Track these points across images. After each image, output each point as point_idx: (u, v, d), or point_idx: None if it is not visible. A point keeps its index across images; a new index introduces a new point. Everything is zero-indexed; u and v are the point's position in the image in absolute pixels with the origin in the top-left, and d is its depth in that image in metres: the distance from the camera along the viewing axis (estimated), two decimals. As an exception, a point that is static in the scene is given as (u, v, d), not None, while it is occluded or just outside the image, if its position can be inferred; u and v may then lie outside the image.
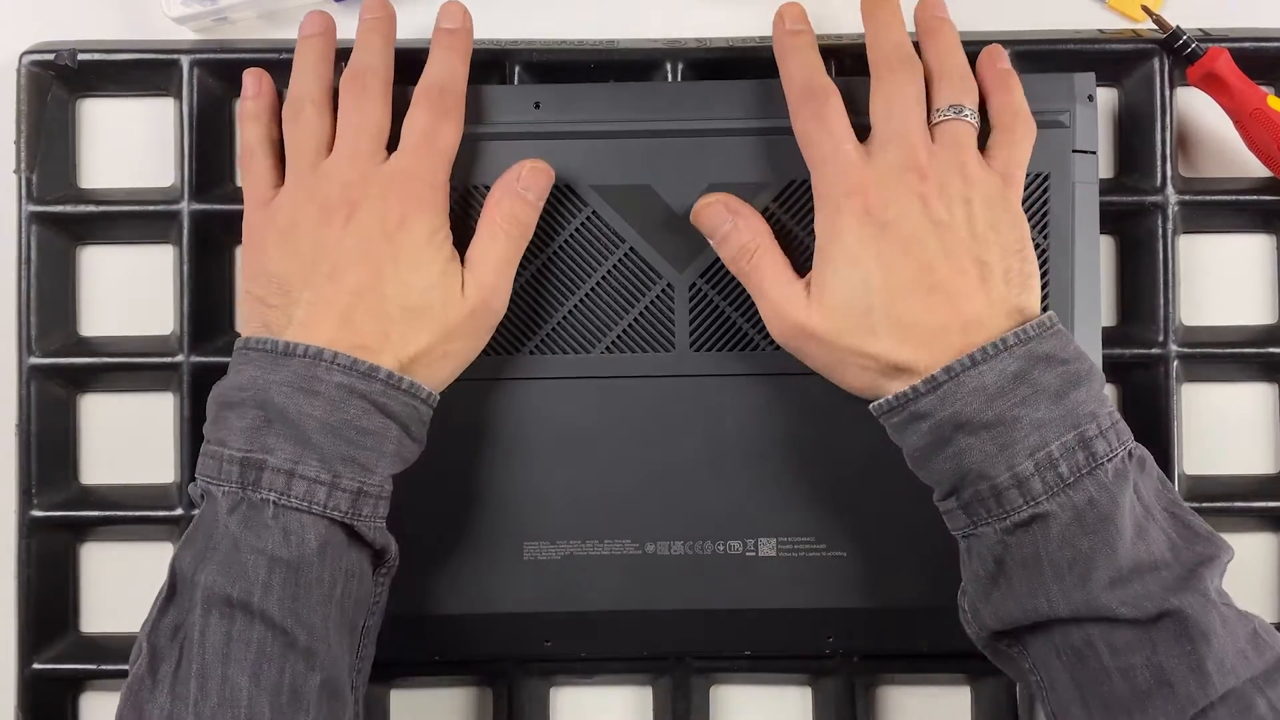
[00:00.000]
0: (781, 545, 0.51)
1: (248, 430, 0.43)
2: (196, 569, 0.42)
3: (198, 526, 0.44)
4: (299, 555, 0.42)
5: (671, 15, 0.56)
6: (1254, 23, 0.55)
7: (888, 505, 0.51)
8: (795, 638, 0.52)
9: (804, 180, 0.48)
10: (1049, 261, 0.50)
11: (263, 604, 0.41)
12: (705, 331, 0.51)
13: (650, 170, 0.50)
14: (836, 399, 0.48)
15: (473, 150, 0.50)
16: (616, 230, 0.50)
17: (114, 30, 0.56)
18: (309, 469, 0.43)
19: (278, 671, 0.41)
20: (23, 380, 0.54)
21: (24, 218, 0.54)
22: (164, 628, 0.42)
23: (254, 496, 0.42)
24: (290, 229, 0.46)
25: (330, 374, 0.43)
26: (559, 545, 0.51)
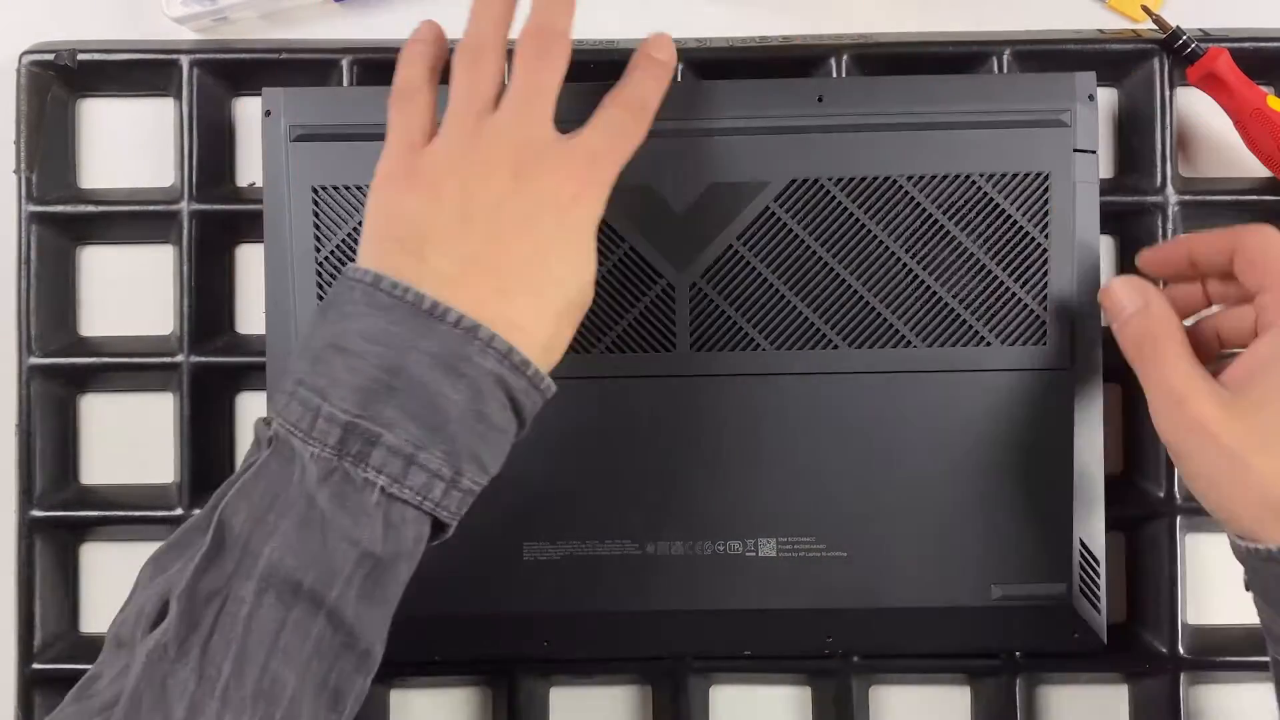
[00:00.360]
0: (782, 545, 0.51)
1: (363, 391, 0.37)
2: (256, 533, 0.36)
3: (260, 475, 0.37)
4: (394, 552, 0.37)
5: (671, 15, 0.56)
6: (1254, 23, 0.55)
7: (888, 506, 0.51)
8: (795, 638, 0.52)
9: (805, 179, 0.49)
10: (1049, 261, 0.50)
11: (338, 601, 0.36)
12: (706, 331, 0.51)
13: (651, 170, 0.50)
14: (837, 400, 0.48)
15: None
16: (617, 229, 0.50)
17: (114, 30, 0.56)
18: (432, 460, 0.37)
19: (326, 669, 0.37)
20: (23, 380, 0.53)
21: (24, 218, 0.54)
22: (202, 590, 0.36)
23: (356, 474, 0.37)
24: (445, 176, 0.41)
25: (484, 358, 0.38)
26: (559, 545, 0.51)
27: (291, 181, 0.51)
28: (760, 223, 0.50)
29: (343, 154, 0.50)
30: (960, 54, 0.54)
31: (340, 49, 0.54)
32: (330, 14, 0.56)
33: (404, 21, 0.53)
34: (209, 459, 0.55)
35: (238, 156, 0.56)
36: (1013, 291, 0.50)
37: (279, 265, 0.51)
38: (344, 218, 0.50)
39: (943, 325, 0.50)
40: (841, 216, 0.50)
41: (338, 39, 0.55)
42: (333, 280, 0.50)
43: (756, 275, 0.51)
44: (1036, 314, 0.50)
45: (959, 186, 0.50)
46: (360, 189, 0.50)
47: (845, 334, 0.50)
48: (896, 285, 0.50)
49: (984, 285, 0.50)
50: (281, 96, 0.51)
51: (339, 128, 0.51)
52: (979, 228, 0.50)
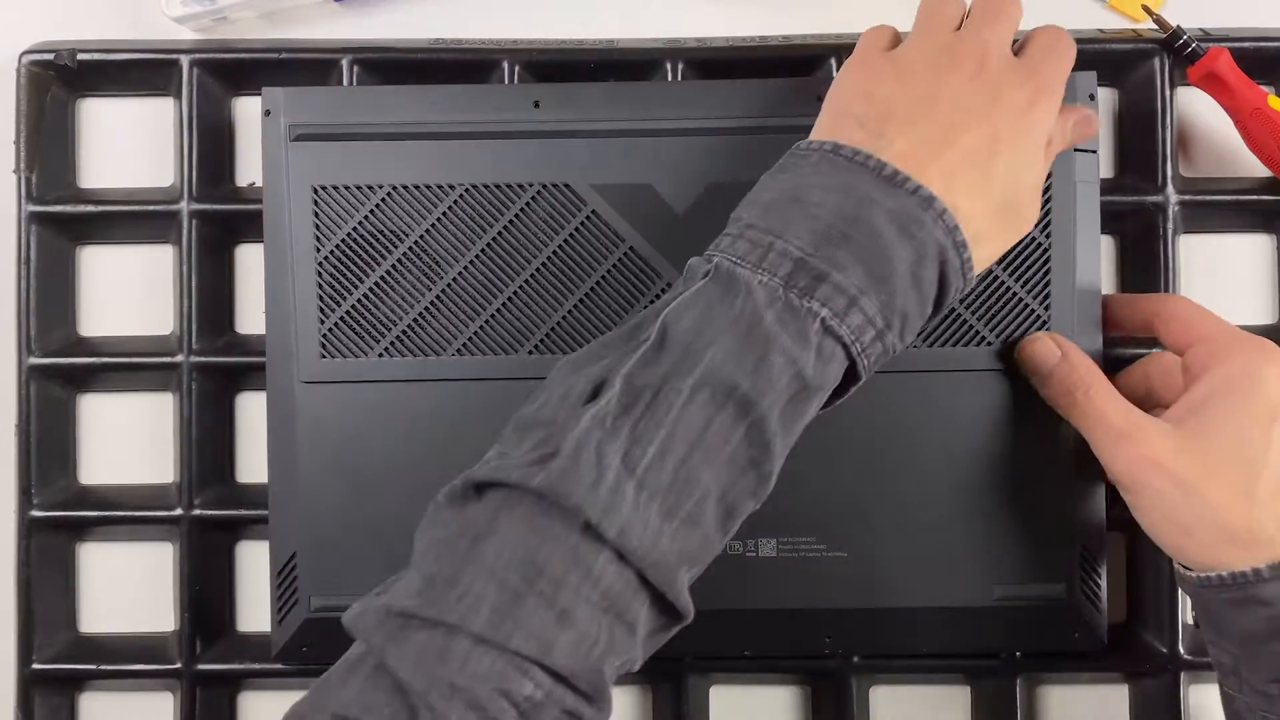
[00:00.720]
0: (782, 545, 0.51)
1: (818, 234, 0.39)
2: (698, 340, 0.38)
3: (700, 296, 0.39)
4: (819, 384, 0.39)
5: (671, 15, 0.56)
6: (1254, 22, 0.55)
7: (888, 506, 0.50)
8: (794, 638, 0.52)
9: None
10: (1050, 261, 0.50)
11: (766, 411, 0.38)
12: None
13: (651, 169, 0.50)
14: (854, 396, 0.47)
15: (472, 148, 0.50)
16: (616, 230, 0.50)
17: (114, 30, 0.56)
18: (870, 306, 0.39)
19: (731, 481, 0.38)
20: (22, 380, 0.53)
21: (24, 218, 0.54)
22: (640, 379, 0.38)
23: (799, 303, 0.38)
24: (915, 65, 0.43)
25: (934, 227, 0.39)
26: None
27: (291, 181, 0.50)
28: None
29: (342, 154, 0.50)
30: (960, 54, 0.54)
31: (340, 49, 0.54)
32: (330, 14, 0.56)
33: (404, 21, 0.53)
34: (209, 459, 0.55)
35: (237, 156, 0.56)
36: (1013, 290, 0.50)
37: (279, 264, 0.51)
38: (344, 217, 0.50)
39: (942, 324, 0.50)
40: None
41: (337, 39, 0.55)
42: (333, 280, 0.50)
43: None
44: (1037, 313, 0.50)
45: None
46: (360, 189, 0.50)
47: None
48: None
49: (986, 285, 0.50)
50: (281, 96, 0.51)
51: (339, 127, 0.50)
52: None
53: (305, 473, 0.50)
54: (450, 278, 0.50)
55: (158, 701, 0.55)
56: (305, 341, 0.50)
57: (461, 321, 0.50)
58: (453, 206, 0.50)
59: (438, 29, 0.56)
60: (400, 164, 0.50)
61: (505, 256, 0.50)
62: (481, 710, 0.34)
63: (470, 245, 0.50)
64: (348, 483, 0.50)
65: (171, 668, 0.53)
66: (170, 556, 0.55)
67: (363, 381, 0.50)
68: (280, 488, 0.51)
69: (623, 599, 0.37)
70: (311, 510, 0.50)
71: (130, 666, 0.54)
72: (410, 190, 0.50)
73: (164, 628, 0.55)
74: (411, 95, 0.51)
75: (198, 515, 0.54)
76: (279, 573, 0.51)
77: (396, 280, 0.50)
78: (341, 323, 0.50)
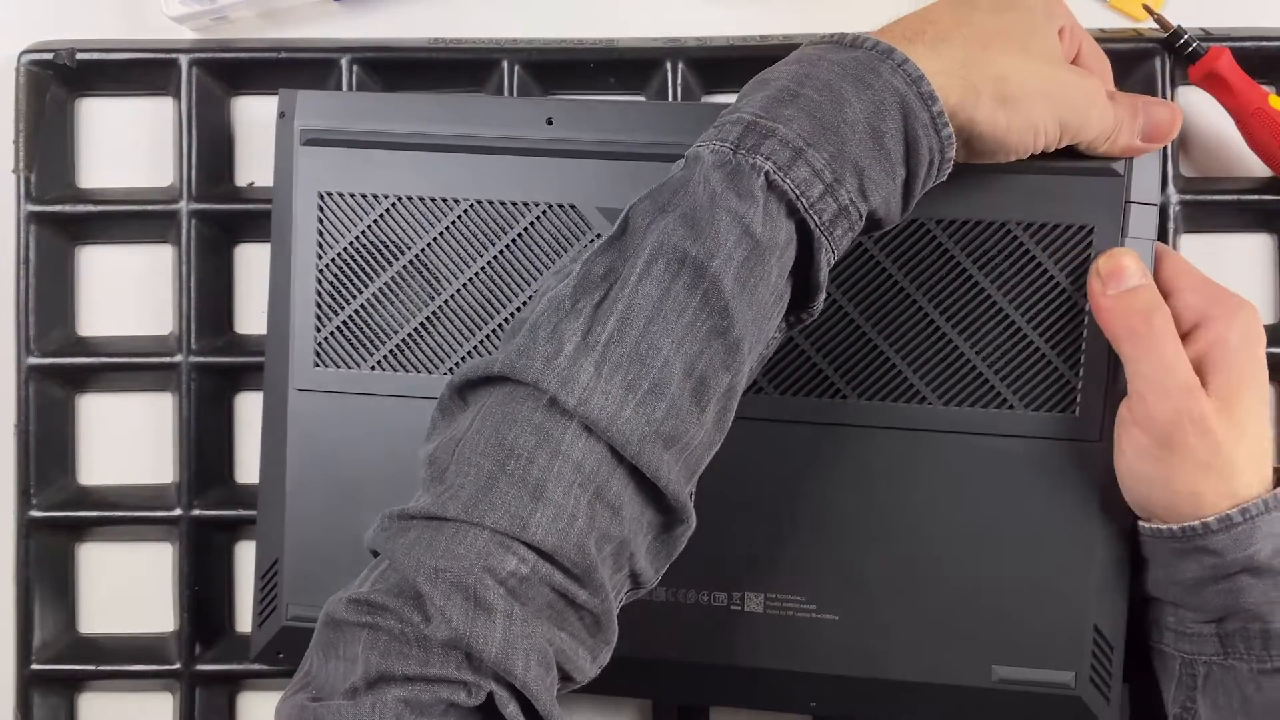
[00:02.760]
0: (769, 602, 0.48)
1: (770, 99, 0.39)
2: (655, 221, 0.38)
3: (667, 183, 0.39)
4: (769, 242, 0.38)
5: (671, 15, 0.56)
6: (1255, 22, 0.55)
7: (887, 570, 0.47)
8: (776, 700, 0.49)
9: None
10: (1087, 325, 0.46)
11: (719, 272, 0.37)
12: None
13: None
14: (841, 453, 0.45)
15: (481, 163, 0.49)
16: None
17: (113, 30, 0.56)
18: (818, 158, 0.38)
19: (697, 352, 0.37)
20: (21, 380, 0.53)
21: (23, 217, 0.54)
22: (600, 264, 0.38)
23: (746, 161, 0.38)
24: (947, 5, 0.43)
25: (892, 77, 0.39)
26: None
27: (299, 185, 0.50)
28: None
29: (351, 160, 0.50)
30: (961, 53, 0.54)
31: (339, 48, 0.54)
32: (329, 13, 0.56)
33: (404, 21, 0.53)
34: (209, 459, 0.54)
35: (237, 156, 0.56)
36: (1043, 353, 0.46)
37: (282, 268, 0.50)
38: (348, 225, 0.50)
39: (963, 383, 0.47)
40: (860, 259, 0.47)
41: (337, 39, 0.55)
42: (333, 288, 0.50)
43: None
44: (1068, 380, 0.46)
45: (992, 234, 0.46)
46: (366, 197, 0.50)
47: (856, 384, 0.47)
48: (915, 336, 0.47)
49: (1012, 344, 0.46)
50: (296, 99, 0.50)
51: (350, 134, 0.50)
52: (1011, 281, 0.46)
53: (293, 480, 0.50)
54: (449, 294, 0.49)
55: (157, 702, 0.55)
56: (301, 348, 0.50)
57: (458, 339, 0.49)
58: (457, 221, 0.49)
59: (438, 29, 0.56)
60: (408, 174, 0.49)
61: (506, 275, 0.49)
62: (465, 589, 0.34)
63: (472, 261, 0.49)
64: (334, 494, 0.50)
65: (171, 668, 0.53)
66: (169, 557, 0.55)
67: (354, 394, 0.50)
68: (268, 493, 0.50)
69: (599, 475, 0.36)
70: (297, 518, 0.50)
71: (129, 667, 0.54)
72: (416, 201, 0.49)
73: (163, 628, 0.55)
74: (425, 103, 0.50)
75: (197, 516, 0.54)
76: (261, 577, 0.50)
77: (395, 292, 0.50)
78: (338, 332, 0.50)
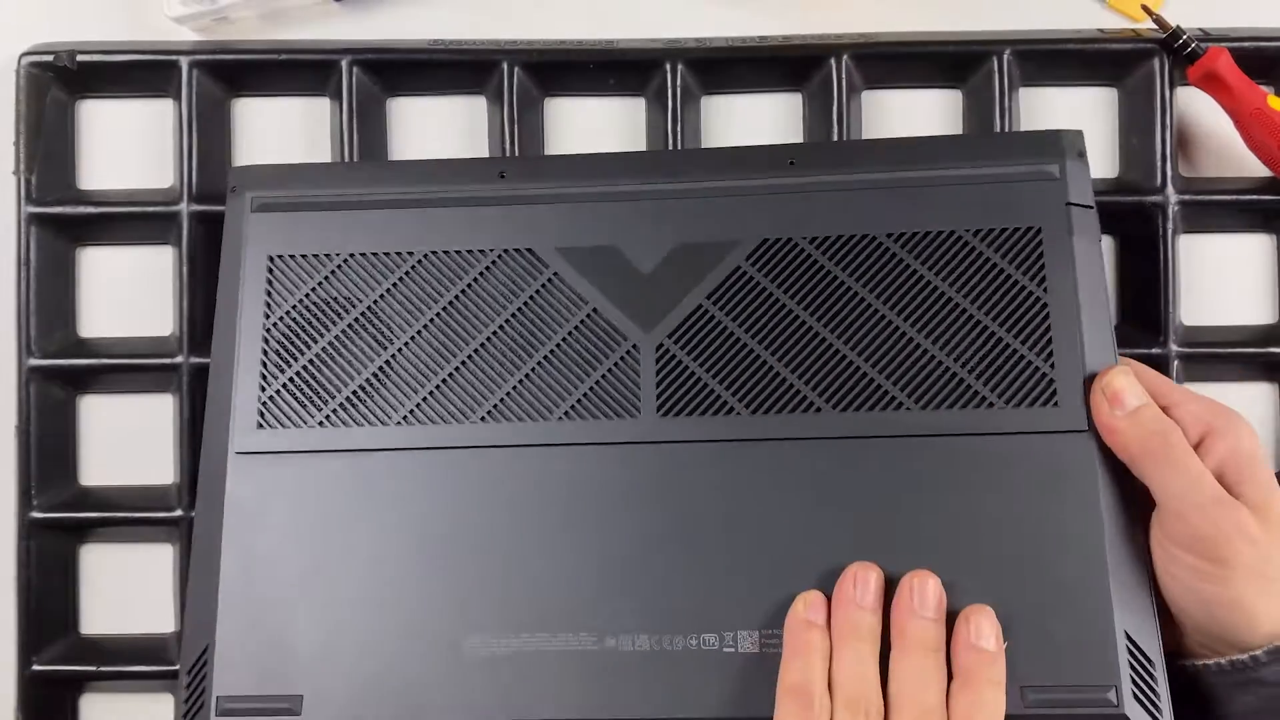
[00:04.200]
0: (765, 639, 0.43)
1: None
2: None
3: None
4: None
5: (671, 15, 0.56)
6: (1254, 22, 0.55)
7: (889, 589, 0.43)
8: None
9: (778, 239, 0.47)
10: (1050, 318, 0.46)
11: None
12: (674, 395, 0.46)
13: (615, 231, 0.48)
14: (823, 469, 0.44)
15: (430, 216, 0.49)
16: (579, 292, 0.47)
17: (113, 31, 0.56)
18: None
19: None
20: (22, 382, 0.53)
21: (23, 219, 0.54)
22: None
23: None
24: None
25: None
26: (504, 641, 0.43)
27: (248, 251, 0.49)
28: (731, 281, 0.47)
29: (301, 223, 0.49)
30: (960, 54, 0.54)
31: (340, 49, 0.54)
32: (330, 14, 0.56)
33: (404, 22, 0.53)
34: (209, 460, 0.54)
35: (237, 157, 0.56)
36: (1014, 349, 0.46)
37: (226, 332, 0.48)
38: (297, 285, 0.48)
39: (939, 386, 0.46)
40: (819, 275, 0.47)
41: (337, 39, 0.55)
42: (280, 346, 0.48)
43: (729, 335, 0.46)
44: (1044, 372, 0.45)
45: (945, 243, 0.47)
46: (316, 257, 0.48)
47: (828, 396, 0.46)
48: (884, 345, 0.46)
49: (982, 342, 0.46)
50: (248, 174, 0.50)
51: (301, 198, 0.49)
52: (971, 283, 0.46)
53: (230, 553, 0.45)
54: (401, 343, 0.47)
55: (159, 703, 0.55)
56: (244, 411, 0.47)
57: (410, 388, 0.47)
58: (409, 272, 0.48)
59: (438, 29, 0.56)
60: (358, 232, 0.49)
61: (461, 321, 0.48)
62: None
63: (425, 311, 0.48)
64: (276, 565, 0.45)
65: (172, 669, 0.53)
66: (170, 558, 0.55)
67: (299, 452, 0.47)
68: (200, 570, 0.46)
69: None
70: (235, 595, 0.45)
71: (131, 668, 0.54)
72: (366, 257, 0.48)
73: (164, 629, 0.55)
74: (376, 170, 0.51)
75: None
76: (189, 670, 0.45)
77: (345, 347, 0.48)
78: (284, 390, 0.47)
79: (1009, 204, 0.47)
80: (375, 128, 0.56)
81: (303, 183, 0.50)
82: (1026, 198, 0.47)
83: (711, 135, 0.56)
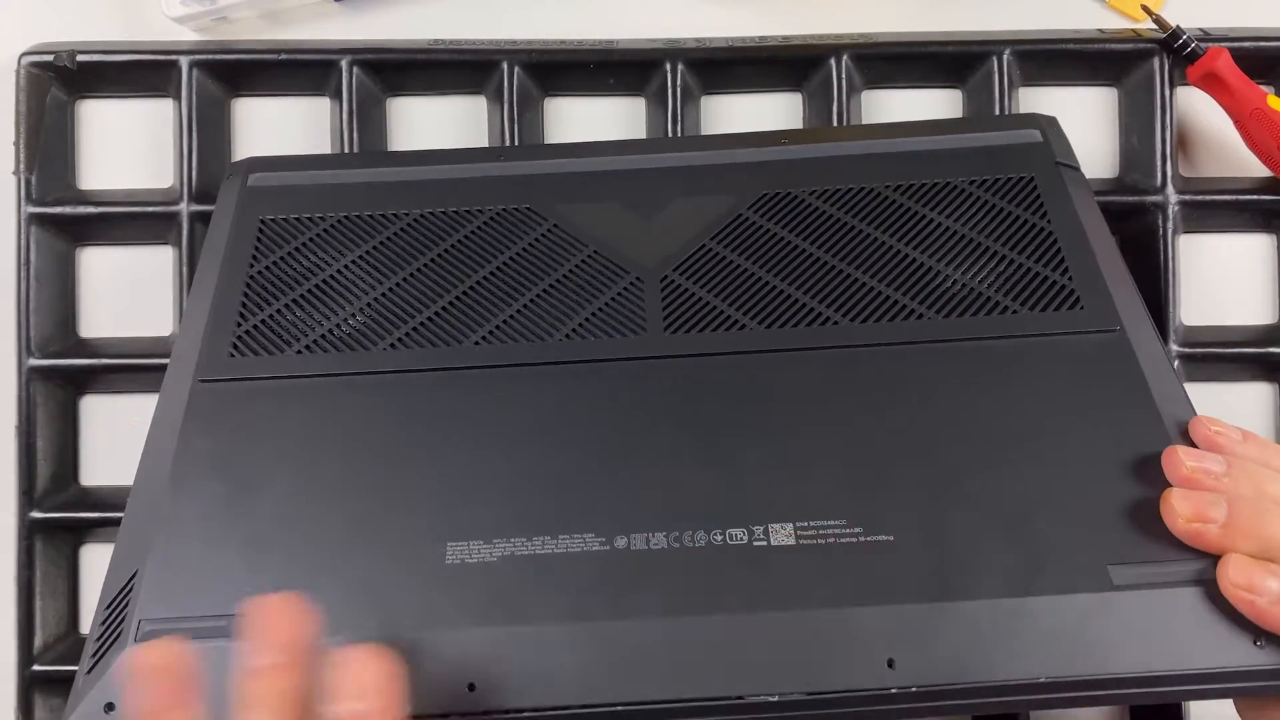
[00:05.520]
0: (801, 531, 0.37)
1: None
2: None
3: None
4: None
5: (671, 15, 0.56)
6: (1254, 22, 0.55)
7: (938, 482, 0.39)
8: (834, 662, 0.36)
9: (778, 193, 0.48)
10: (1059, 242, 0.45)
11: None
12: (682, 315, 0.44)
13: (616, 192, 0.49)
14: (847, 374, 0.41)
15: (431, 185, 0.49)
16: (579, 237, 0.47)
17: (113, 31, 0.56)
18: None
19: None
20: (22, 382, 0.53)
21: (23, 219, 0.54)
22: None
23: None
24: None
25: None
26: (494, 545, 0.38)
27: (239, 216, 0.49)
28: (734, 225, 0.47)
29: (295, 194, 0.49)
30: (960, 53, 0.54)
31: (339, 49, 0.54)
32: (330, 14, 0.56)
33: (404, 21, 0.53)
34: (209, 460, 0.54)
35: (237, 157, 0.56)
36: (1028, 267, 0.45)
37: (205, 284, 0.47)
38: (284, 240, 0.48)
39: (957, 298, 0.44)
40: (822, 217, 0.47)
41: (337, 39, 0.55)
42: (262, 289, 0.46)
43: (735, 267, 0.45)
44: (1061, 284, 0.44)
45: (943, 191, 0.48)
46: (305, 219, 0.48)
47: (843, 310, 0.44)
48: (894, 269, 0.45)
49: (994, 264, 0.45)
50: (242, 164, 0.51)
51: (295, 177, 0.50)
52: (974, 218, 0.46)
53: (177, 477, 0.40)
54: (393, 283, 0.46)
55: (158, 703, 0.55)
56: (215, 343, 0.44)
57: (400, 319, 0.45)
58: (404, 229, 0.48)
59: (438, 29, 0.56)
60: (353, 198, 0.49)
61: (456, 264, 0.47)
62: None
63: (418, 257, 0.47)
64: (227, 490, 0.40)
65: (172, 669, 0.53)
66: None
67: (271, 378, 0.43)
68: (140, 498, 0.40)
69: None
70: (173, 517, 0.39)
71: (131, 668, 0.54)
72: (360, 219, 0.48)
73: (164, 629, 0.55)
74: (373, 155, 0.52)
75: (198, 516, 0.53)
76: (108, 605, 0.38)
77: (331, 290, 0.46)
78: (263, 324, 0.45)
79: (1000, 161, 0.49)
80: (375, 127, 0.56)
81: (299, 165, 0.51)
82: (1016, 155, 0.49)
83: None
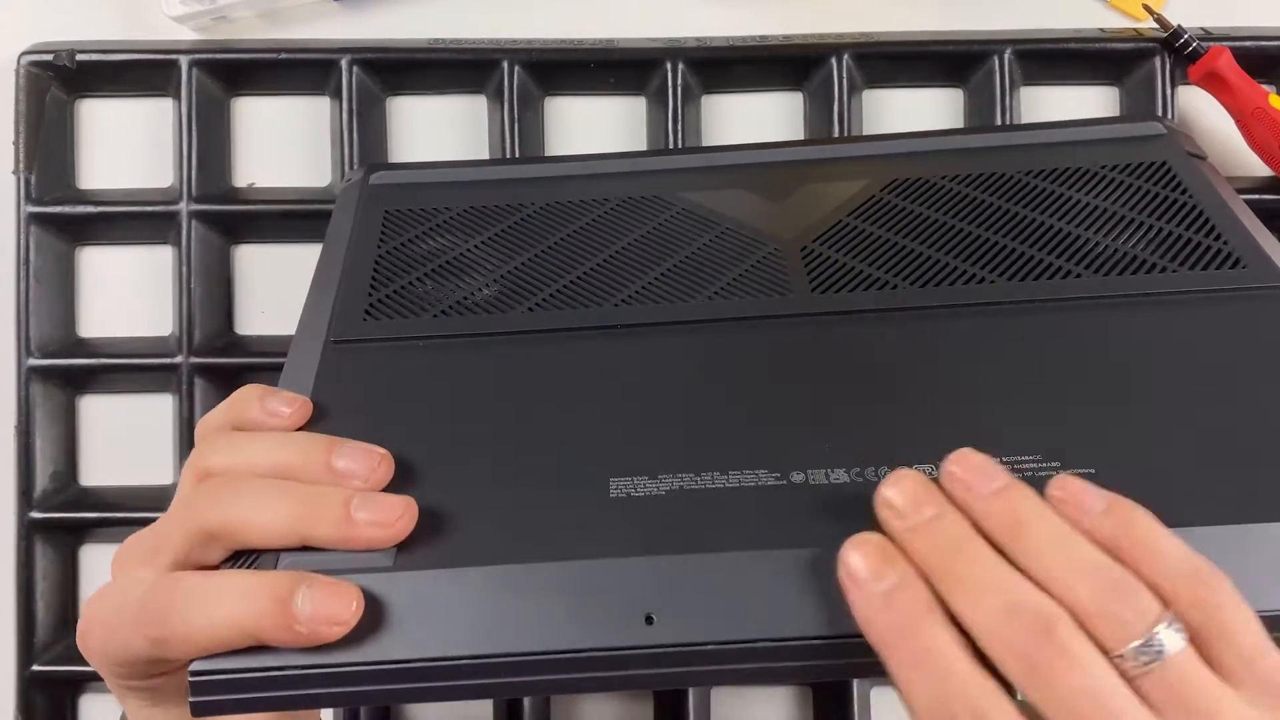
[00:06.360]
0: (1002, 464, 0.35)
1: None
2: None
3: None
4: None
5: (671, 15, 0.56)
6: (1255, 22, 0.55)
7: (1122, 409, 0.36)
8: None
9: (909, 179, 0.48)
10: (1205, 212, 0.44)
11: None
12: (826, 277, 0.43)
13: (744, 181, 0.49)
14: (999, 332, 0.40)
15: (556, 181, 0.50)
16: (711, 218, 0.47)
17: (113, 30, 0.56)
18: None
19: None
20: (22, 381, 0.53)
21: (23, 218, 0.54)
22: None
23: None
24: None
25: None
26: (660, 480, 0.36)
27: (362, 211, 0.48)
28: (870, 204, 0.47)
29: (419, 190, 0.49)
30: (961, 53, 0.54)
31: (339, 49, 0.54)
32: (329, 13, 0.56)
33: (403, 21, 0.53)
34: (209, 460, 0.54)
35: (237, 157, 0.56)
36: (1179, 233, 0.43)
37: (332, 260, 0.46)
38: (411, 226, 0.47)
39: (1111, 260, 0.42)
40: (958, 198, 0.46)
41: (337, 39, 0.55)
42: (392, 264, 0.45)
43: (876, 238, 0.45)
44: (1216, 248, 0.42)
45: (1078, 174, 0.47)
46: (430, 210, 0.48)
47: (992, 269, 0.43)
48: (1042, 236, 0.44)
49: (1144, 233, 0.44)
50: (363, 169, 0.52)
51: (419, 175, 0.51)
52: (1114, 195, 0.46)
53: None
54: (527, 257, 0.45)
55: (158, 703, 0.55)
56: (349, 306, 0.43)
57: (535, 289, 0.43)
58: (529, 216, 0.48)
59: (437, 29, 0.56)
60: (477, 192, 0.49)
61: (589, 241, 0.46)
62: None
63: (549, 237, 0.46)
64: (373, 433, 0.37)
65: (172, 669, 0.53)
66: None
67: (408, 339, 0.42)
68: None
69: None
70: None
71: (130, 668, 0.54)
72: (485, 209, 0.48)
73: (164, 629, 0.55)
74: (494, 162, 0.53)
75: (198, 516, 0.53)
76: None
77: (464, 265, 0.45)
78: (399, 292, 0.44)
79: (1131, 151, 0.48)
80: (375, 127, 0.56)
81: (418, 167, 0.52)
82: (1146, 146, 0.48)
83: (711, 134, 0.56)
